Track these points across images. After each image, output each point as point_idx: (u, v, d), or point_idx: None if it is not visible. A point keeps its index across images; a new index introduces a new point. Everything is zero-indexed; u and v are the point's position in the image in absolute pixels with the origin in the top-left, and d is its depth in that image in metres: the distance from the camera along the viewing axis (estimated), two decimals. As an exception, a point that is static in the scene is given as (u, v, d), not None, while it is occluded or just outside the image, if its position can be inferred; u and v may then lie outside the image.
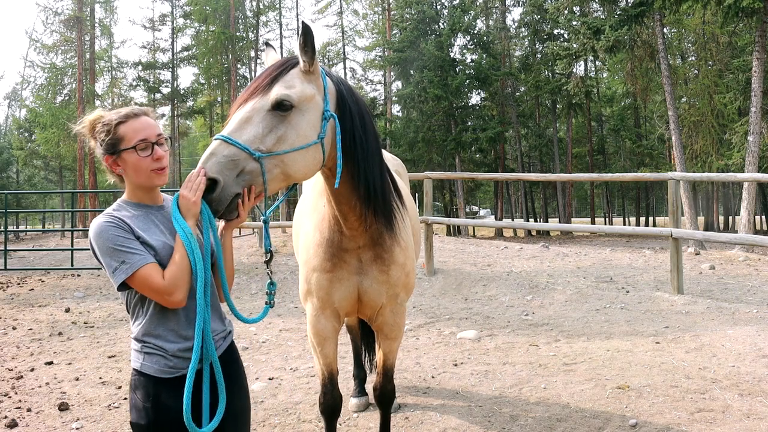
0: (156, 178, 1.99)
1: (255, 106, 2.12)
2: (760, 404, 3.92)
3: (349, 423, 3.94)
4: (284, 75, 2.21)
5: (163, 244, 1.93)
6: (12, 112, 53.65)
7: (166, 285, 1.85)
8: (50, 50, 32.83)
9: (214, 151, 1.98)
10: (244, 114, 2.11)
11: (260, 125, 2.10)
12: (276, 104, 2.13)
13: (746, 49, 21.97)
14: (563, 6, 24.47)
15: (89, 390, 4.69)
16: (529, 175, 13.48)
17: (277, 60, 2.32)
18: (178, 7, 40.61)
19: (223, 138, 2.02)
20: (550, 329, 6.40)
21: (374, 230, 2.66)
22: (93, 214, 29.53)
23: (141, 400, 1.93)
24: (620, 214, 49.76)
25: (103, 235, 1.88)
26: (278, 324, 6.97)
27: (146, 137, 1.95)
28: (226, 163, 1.97)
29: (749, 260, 11.31)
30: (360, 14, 42.80)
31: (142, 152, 1.95)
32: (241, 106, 2.15)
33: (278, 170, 2.13)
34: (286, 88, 2.17)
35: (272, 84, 2.17)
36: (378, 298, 2.83)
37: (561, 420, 3.82)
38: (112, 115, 1.99)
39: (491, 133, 27.18)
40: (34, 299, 8.89)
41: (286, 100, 2.14)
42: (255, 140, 2.07)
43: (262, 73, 2.23)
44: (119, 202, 2.04)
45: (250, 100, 2.15)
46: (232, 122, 2.10)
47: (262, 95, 2.15)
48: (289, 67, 2.25)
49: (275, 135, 2.12)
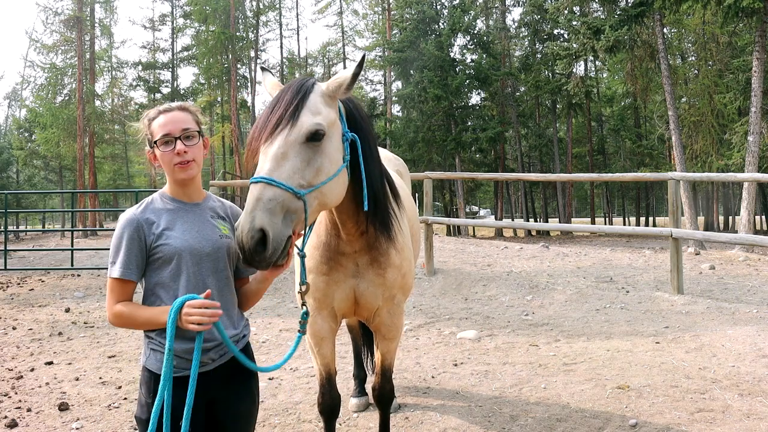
0: (178, 172, 2.01)
1: (288, 140, 2.03)
2: (760, 404, 3.92)
3: (349, 423, 3.94)
4: (306, 101, 2.12)
5: (182, 242, 1.97)
6: (12, 112, 53.74)
7: (111, 308, 1.94)
8: (50, 50, 32.79)
9: (260, 195, 1.90)
10: (277, 150, 2.01)
11: (297, 159, 2.03)
12: (311, 135, 2.06)
13: (746, 49, 21.97)
14: (563, 6, 24.47)
15: (89, 390, 4.69)
16: (529, 175, 13.48)
17: (288, 85, 2.20)
18: (178, 7, 40.65)
19: (265, 180, 1.93)
20: (550, 329, 6.40)
21: (371, 235, 2.64)
22: (93, 214, 29.59)
23: (144, 395, 1.97)
24: (620, 214, 49.75)
25: (119, 228, 1.99)
26: (278, 324, 6.97)
27: (169, 132, 1.99)
28: (272, 209, 1.89)
29: (749, 260, 11.31)
30: (360, 14, 42.86)
31: (163, 147, 2.00)
32: (270, 139, 2.05)
33: (317, 202, 2.08)
34: (315, 116, 2.10)
35: (297, 112, 2.08)
36: (374, 300, 2.83)
37: (561, 420, 3.82)
38: (151, 112, 2.07)
39: (491, 133, 27.18)
40: (34, 299, 8.89)
41: (321, 130, 2.08)
42: (295, 177, 2.00)
43: (280, 100, 2.13)
44: (160, 192, 2.11)
45: (278, 132, 2.05)
46: (268, 160, 2.00)
47: (291, 126, 2.05)
48: (307, 92, 2.15)
49: (313, 168, 2.07)
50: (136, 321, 1.92)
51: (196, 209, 2.08)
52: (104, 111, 34.44)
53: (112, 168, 40.01)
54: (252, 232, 1.84)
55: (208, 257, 2.01)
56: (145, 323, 1.91)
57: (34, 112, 32.77)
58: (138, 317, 1.92)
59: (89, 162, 29.82)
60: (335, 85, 2.22)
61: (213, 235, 2.05)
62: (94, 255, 13.51)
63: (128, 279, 1.95)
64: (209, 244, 2.02)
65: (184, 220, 2.02)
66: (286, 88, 2.18)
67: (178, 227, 2.00)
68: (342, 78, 2.22)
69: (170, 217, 2.01)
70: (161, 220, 1.99)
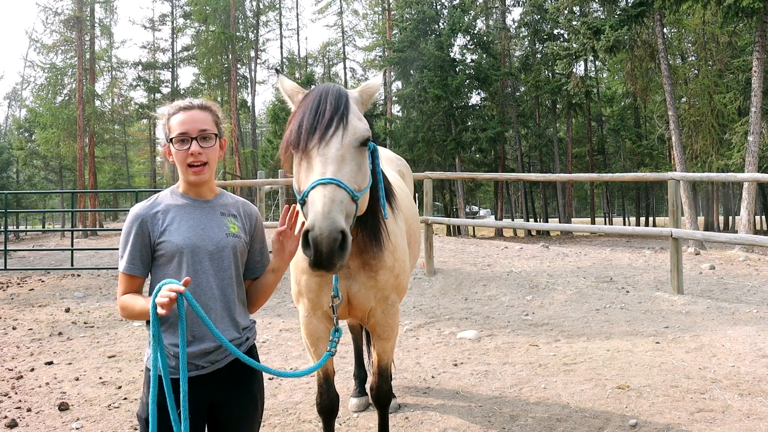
0: (190, 174, 2.00)
1: (344, 143, 2.07)
2: (760, 404, 3.92)
3: (350, 423, 3.94)
4: (350, 106, 2.18)
5: (183, 239, 1.96)
6: (12, 112, 53.78)
7: (118, 300, 1.99)
8: (50, 50, 32.78)
9: (333, 197, 1.93)
10: (336, 152, 2.05)
11: (353, 163, 2.08)
12: (363, 141, 2.12)
13: (746, 49, 21.98)
14: (563, 6, 24.46)
15: (89, 390, 4.69)
16: (529, 175, 13.48)
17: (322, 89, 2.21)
18: (178, 7, 40.69)
19: (335, 182, 1.97)
20: (550, 329, 6.40)
21: (360, 240, 2.63)
22: (93, 214, 29.56)
23: (145, 394, 1.96)
24: (620, 214, 49.77)
25: (127, 222, 2.00)
26: (278, 324, 6.97)
27: (186, 131, 1.98)
28: (343, 210, 1.95)
29: (749, 260, 11.31)
30: (360, 14, 42.89)
31: (179, 145, 1.99)
32: (323, 141, 2.07)
33: (359, 207, 2.13)
34: (361, 121, 2.15)
35: (346, 116, 2.12)
36: (367, 301, 2.83)
37: (561, 420, 3.82)
38: (170, 107, 2.06)
39: (491, 133, 27.18)
40: (34, 299, 8.89)
41: (369, 137, 2.15)
42: (352, 180, 2.05)
43: (323, 102, 2.15)
44: (170, 188, 2.12)
45: (333, 135, 2.08)
46: (330, 162, 2.03)
47: (344, 129, 2.09)
48: (347, 97, 2.20)
49: (362, 173, 2.13)
50: (134, 311, 1.92)
51: (205, 206, 2.06)
52: (104, 111, 34.43)
53: (112, 168, 40.03)
54: (334, 234, 1.87)
55: (210, 255, 1.99)
56: (140, 312, 1.90)
57: (34, 112, 32.74)
58: (135, 307, 1.92)
59: (89, 162, 29.81)
60: (367, 96, 2.27)
61: (218, 233, 2.03)
62: (94, 255, 13.51)
63: (133, 274, 1.96)
64: (212, 242, 2.00)
65: (190, 217, 2.01)
66: (323, 91, 2.20)
67: (182, 224, 1.99)
68: (372, 89, 2.27)
69: (177, 213, 2.00)
70: (167, 216, 1.99)
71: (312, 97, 2.20)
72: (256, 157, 40.48)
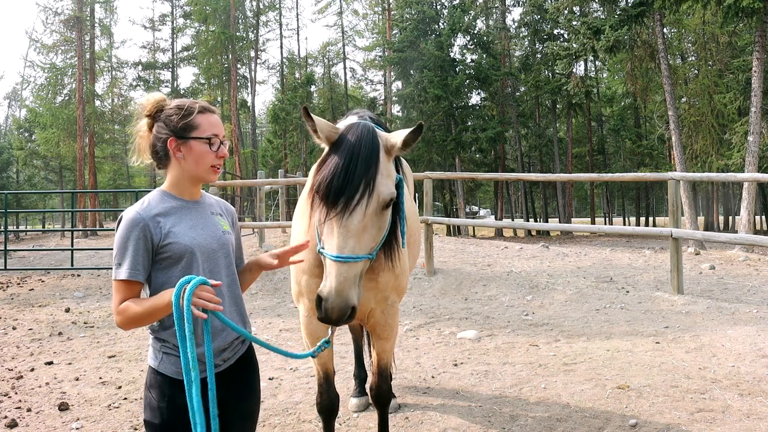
0: (211, 174, 2.04)
1: (367, 213, 2.17)
2: (760, 404, 3.92)
3: (350, 423, 3.94)
4: (379, 163, 2.23)
5: (191, 240, 1.96)
6: (12, 112, 53.76)
7: (117, 308, 1.87)
8: (50, 50, 32.79)
9: (347, 274, 2.11)
10: (358, 224, 2.16)
11: (373, 229, 2.22)
12: (386, 204, 2.23)
13: (746, 49, 21.98)
14: (563, 6, 24.45)
15: (89, 390, 4.69)
16: (529, 175, 13.47)
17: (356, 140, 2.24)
18: (178, 7, 40.69)
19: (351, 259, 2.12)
20: (550, 329, 6.40)
21: None
22: (93, 214, 29.58)
23: (156, 399, 1.92)
24: (620, 214, 49.76)
25: (123, 228, 1.90)
26: (278, 324, 6.97)
27: (218, 133, 2.03)
28: (357, 282, 2.15)
29: (749, 260, 11.31)
30: (360, 14, 42.88)
31: (212, 146, 2.01)
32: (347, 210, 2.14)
33: (374, 257, 2.29)
34: (388, 180, 2.24)
35: (374, 181, 2.18)
36: (367, 303, 2.84)
37: (561, 420, 3.82)
38: (192, 103, 2.03)
39: (491, 133, 27.17)
40: (34, 299, 8.89)
41: (393, 198, 2.25)
42: (371, 243, 2.21)
43: (354, 158, 2.20)
44: (159, 190, 2.05)
45: (357, 204, 2.15)
46: (351, 236, 2.14)
47: (368, 197, 2.16)
48: (378, 150, 2.26)
49: (382, 229, 2.28)
50: (142, 313, 1.85)
51: (198, 207, 2.07)
52: (104, 111, 34.44)
53: (112, 168, 40.01)
54: (345, 310, 2.09)
55: (216, 254, 2.01)
56: (150, 311, 1.84)
57: (34, 112, 32.75)
58: (141, 308, 1.85)
59: (89, 162, 29.81)
60: (396, 150, 2.33)
61: (217, 231, 2.05)
62: (94, 255, 13.51)
63: (136, 280, 1.91)
64: (215, 240, 2.03)
65: (189, 218, 2.01)
66: (356, 145, 2.23)
67: (184, 225, 1.98)
68: (401, 141, 2.30)
69: (175, 215, 1.99)
70: (167, 218, 1.96)
71: (345, 150, 2.24)
72: (256, 157, 40.51)
